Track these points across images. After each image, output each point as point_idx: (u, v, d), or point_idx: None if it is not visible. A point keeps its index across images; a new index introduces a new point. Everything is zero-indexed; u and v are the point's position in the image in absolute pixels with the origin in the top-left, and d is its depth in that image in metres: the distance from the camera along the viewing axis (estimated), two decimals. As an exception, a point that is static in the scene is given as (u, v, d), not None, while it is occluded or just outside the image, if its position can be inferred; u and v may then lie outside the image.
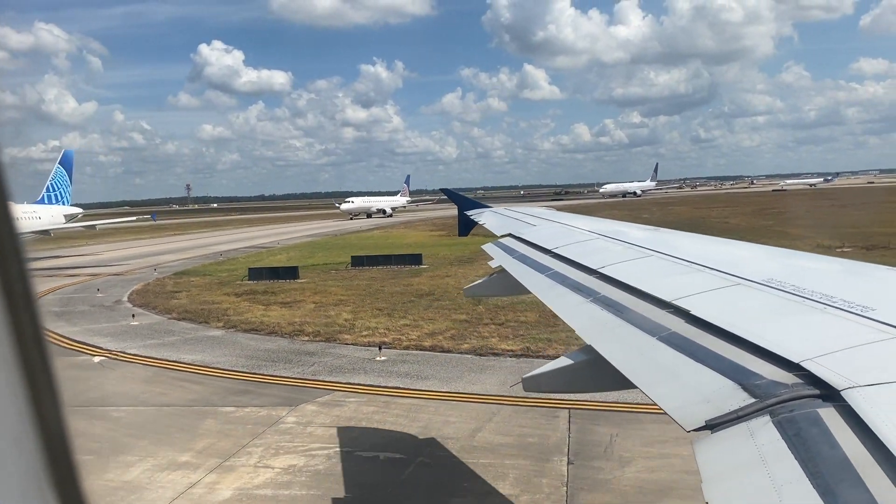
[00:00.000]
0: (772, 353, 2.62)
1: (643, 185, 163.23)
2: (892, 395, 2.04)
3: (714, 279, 4.07)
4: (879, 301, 3.07)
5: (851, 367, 2.29)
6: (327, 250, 48.96)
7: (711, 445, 2.22)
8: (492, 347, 18.55)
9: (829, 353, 2.44)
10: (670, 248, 5.44)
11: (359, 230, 75.16)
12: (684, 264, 4.70)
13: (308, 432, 12.88)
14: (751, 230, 48.17)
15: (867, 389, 2.09)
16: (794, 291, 3.44)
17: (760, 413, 2.22)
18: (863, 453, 1.82)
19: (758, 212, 75.30)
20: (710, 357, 2.86)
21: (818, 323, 2.94)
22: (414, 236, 63.07)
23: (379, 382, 15.96)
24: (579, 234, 7.47)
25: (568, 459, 11.10)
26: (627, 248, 5.93)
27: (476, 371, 16.66)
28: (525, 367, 16.46)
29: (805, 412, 2.11)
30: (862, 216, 58.96)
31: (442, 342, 19.47)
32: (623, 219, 9.87)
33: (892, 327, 2.62)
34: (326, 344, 20.26)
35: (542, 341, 18.87)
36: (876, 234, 40.96)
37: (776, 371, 2.48)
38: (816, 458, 1.87)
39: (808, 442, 1.95)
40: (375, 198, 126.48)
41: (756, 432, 2.13)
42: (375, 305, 25.69)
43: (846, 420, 1.99)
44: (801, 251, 5.33)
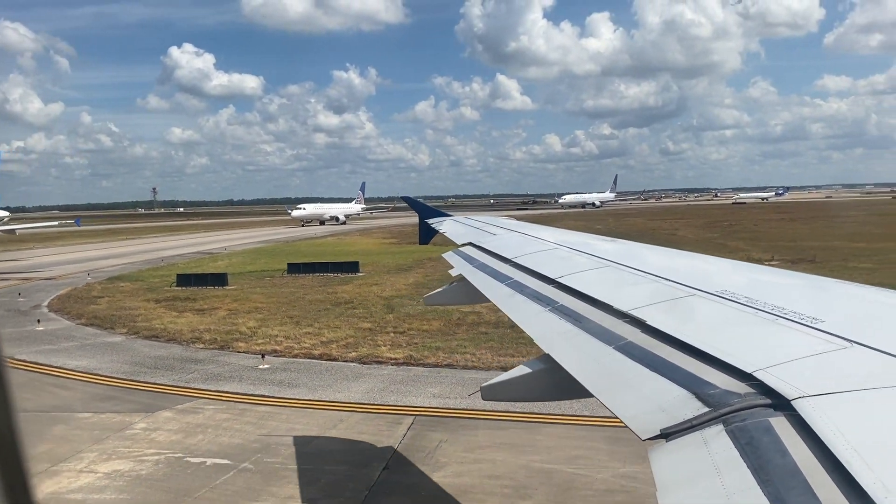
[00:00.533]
0: (725, 362, 2.67)
1: (602, 197, 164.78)
2: (839, 405, 2.10)
3: (669, 289, 4.14)
4: (828, 313, 3.15)
5: (801, 377, 2.36)
6: (272, 257, 48.59)
7: (666, 454, 2.24)
8: (378, 356, 18.84)
9: (780, 364, 2.51)
10: (628, 259, 5.53)
11: (313, 237, 75.01)
12: (641, 275, 4.78)
13: (150, 438, 13.07)
14: (694, 242, 50.20)
15: (816, 399, 2.15)
16: (747, 303, 3.51)
17: (714, 422, 2.26)
18: (812, 461, 1.86)
19: (708, 224, 77.73)
20: (665, 366, 2.90)
21: (770, 334, 3.00)
22: (366, 244, 63.09)
23: (248, 390, 16.17)
24: (539, 244, 7.53)
25: (385, 465, 11.49)
26: (586, 258, 5.99)
27: (350, 379, 16.91)
28: (402, 375, 17.26)
29: (757, 421, 2.16)
30: (804, 230, 61.79)
31: (333, 350, 19.67)
32: (578, 229, 10.29)
33: (840, 338, 2.69)
34: (218, 351, 20.33)
35: (430, 349, 19.29)
36: (809, 247, 42.74)
37: (729, 381, 2.53)
38: (767, 466, 1.90)
39: (760, 450, 1.99)
40: (329, 204, 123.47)
41: (709, 441, 2.16)
42: (288, 313, 25.73)
43: (796, 429, 2.03)
44: (753, 264, 5.51)
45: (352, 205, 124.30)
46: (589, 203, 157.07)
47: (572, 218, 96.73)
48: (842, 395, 2.17)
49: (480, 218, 12.89)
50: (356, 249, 55.88)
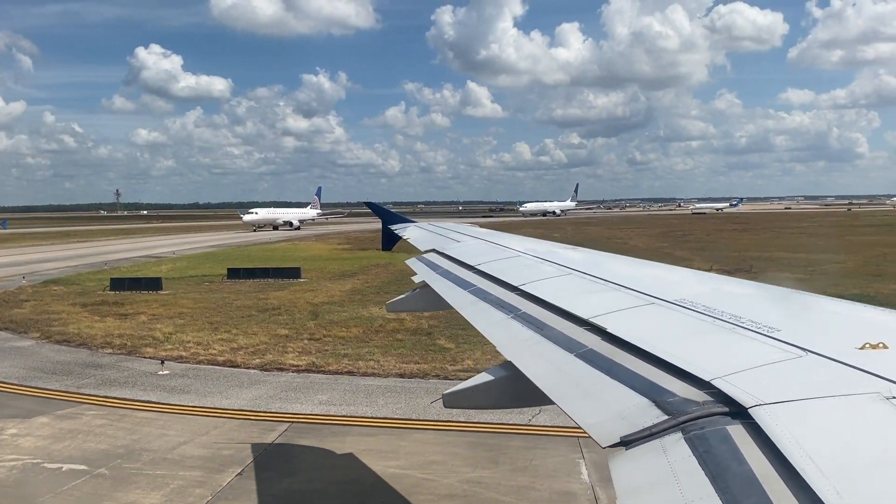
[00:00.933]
0: (684, 371, 2.70)
1: (563, 205, 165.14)
2: (794, 413, 2.13)
3: (629, 298, 4.18)
4: (784, 322, 3.20)
5: (758, 385, 2.38)
6: (218, 261, 47.93)
7: (626, 461, 2.25)
8: (281, 363, 18.86)
9: (737, 372, 2.53)
10: (590, 267, 5.56)
11: (267, 241, 74.25)
12: (602, 283, 4.82)
13: (15, 444, 12.97)
14: (644, 251, 50.97)
15: (772, 407, 2.18)
16: (706, 311, 3.54)
17: (673, 430, 2.27)
18: (768, 469, 1.88)
19: (662, 234, 78.64)
20: (626, 374, 2.92)
21: (728, 342, 3.03)
22: (318, 249, 62.88)
23: (136, 396, 16.10)
24: (503, 252, 7.53)
25: (241, 471, 11.61)
26: (549, 266, 6.00)
27: (244, 386, 16.93)
28: (298, 382, 17.36)
29: (715, 429, 2.17)
30: (752, 241, 63.03)
31: (239, 357, 19.63)
32: (536, 237, 10.58)
33: (796, 347, 2.74)
34: (124, 357, 20.17)
35: (337, 357, 19.39)
36: (751, 258, 43.78)
37: (688, 389, 2.55)
38: (725, 474, 1.92)
39: (718, 458, 2.00)
40: (283, 209, 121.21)
41: (668, 449, 2.18)
42: (210, 319, 25.59)
43: (753, 437, 2.06)
44: (712, 273, 5.59)
45: (307, 210, 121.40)
46: (550, 211, 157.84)
47: (532, 226, 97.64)
48: (797, 403, 2.20)
49: (444, 224, 12.91)
50: (306, 255, 55.56)
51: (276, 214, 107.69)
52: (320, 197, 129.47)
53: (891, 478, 1.73)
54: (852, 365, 2.45)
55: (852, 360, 2.50)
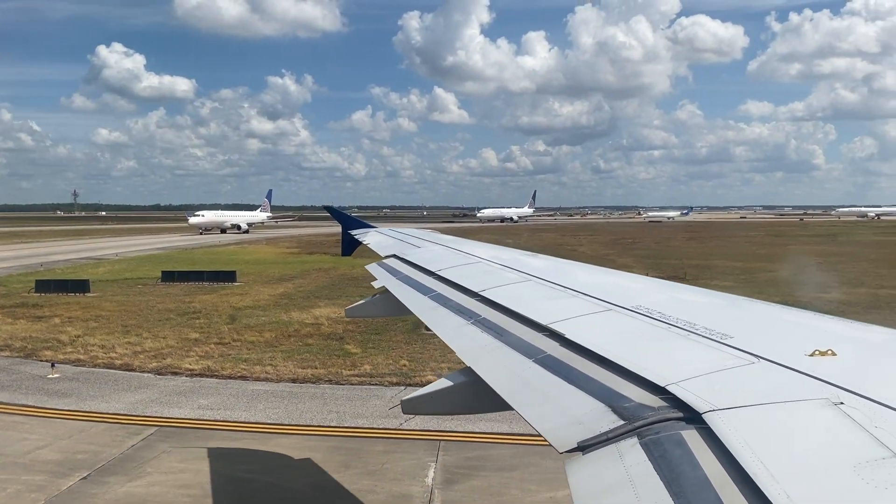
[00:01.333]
0: (640, 376, 2.73)
1: (520, 212, 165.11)
2: (747, 418, 2.17)
3: (587, 304, 4.23)
4: (737, 329, 3.26)
5: (712, 391, 2.42)
6: (159, 264, 46.96)
7: (582, 466, 2.26)
8: (177, 367, 18.82)
9: (691, 378, 2.58)
10: (549, 274, 5.60)
11: (216, 244, 73.60)
12: (560, 289, 4.85)
13: None
14: (590, 257, 51.42)
15: (725, 412, 2.21)
16: (661, 318, 3.61)
17: (629, 435, 2.30)
18: (721, 473, 1.91)
19: (613, 241, 79.48)
20: (583, 380, 2.94)
21: (682, 349, 3.08)
22: (265, 253, 62.52)
23: (13, 400, 15.91)
24: (464, 257, 7.54)
25: (87, 475, 11.64)
26: (510, 272, 6.02)
27: (130, 390, 16.93)
28: (186, 386, 17.33)
29: (670, 434, 2.21)
30: (697, 249, 64.35)
31: (137, 361, 19.56)
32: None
33: (748, 354, 2.80)
34: (20, 360, 19.98)
35: (236, 361, 19.41)
36: (690, 265, 44.69)
37: (644, 394, 2.58)
38: (680, 479, 1.95)
39: (672, 463, 2.03)
40: (231, 212, 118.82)
41: (624, 454, 2.20)
42: (125, 322, 25.40)
43: (707, 442, 2.09)
44: (668, 281, 5.65)
45: (256, 213, 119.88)
46: (507, 217, 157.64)
47: (489, 232, 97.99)
48: (749, 408, 2.25)
49: (405, 230, 12.88)
50: (251, 258, 55.16)
51: (224, 217, 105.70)
52: (271, 200, 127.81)
53: (837, 481, 1.77)
54: (802, 371, 2.52)
55: (802, 366, 2.57)
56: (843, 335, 3.36)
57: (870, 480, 1.73)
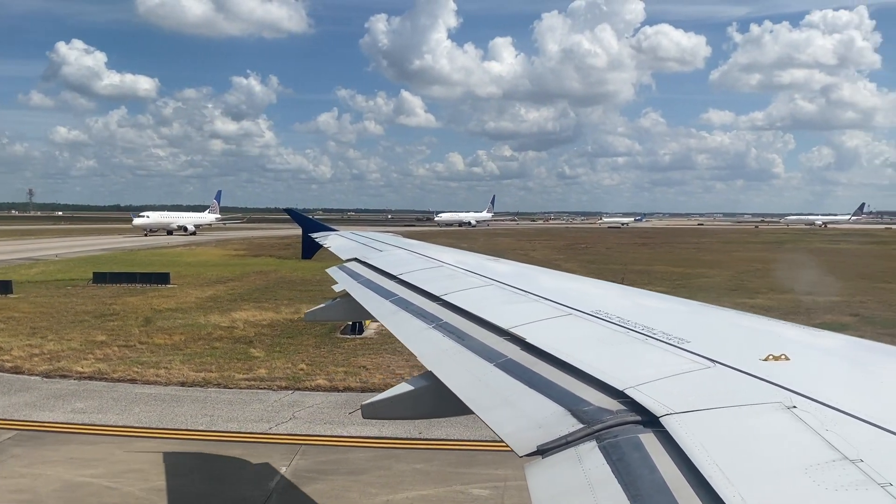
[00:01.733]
0: (599, 380, 2.75)
1: (479, 216, 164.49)
2: (703, 422, 2.20)
3: (548, 309, 4.25)
4: (694, 334, 3.31)
5: (669, 394, 2.45)
6: (98, 265, 45.72)
7: (542, 470, 2.26)
8: (69, 370, 18.55)
9: (649, 382, 2.60)
10: (511, 278, 5.63)
11: (164, 246, 72.31)
12: (523, 294, 4.88)
13: None
14: (539, 261, 51.78)
15: (682, 416, 2.24)
16: (620, 322, 3.65)
17: (588, 438, 2.31)
18: (677, 476, 1.94)
19: (566, 247, 79.81)
20: (543, 384, 2.94)
21: (640, 353, 3.12)
22: (210, 255, 61.77)
23: None
24: (426, 262, 7.52)
25: None
26: (472, 276, 6.03)
27: (8, 394, 16.67)
28: (71, 389, 17.15)
29: (628, 437, 2.22)
30: (645, 255, 64.99)
31: (30, 363, 19.26)
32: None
33: (704, 358, 2.84)
34: None
35: (131, 363, 19.21)
36: (631, 270, 45.00)
37: (603, 398, 2.60)
38: (637, 482, 1.96)
39: (630, 466, 2.05)
40: (177, 213, 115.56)
41: (583, 457, 2.21)
42: (37, 324, 24.95)
43: (664, 445, 2.11)
44: (628, 286, 5.72)
45: (204, 214, 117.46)
46: (465, 222, 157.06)
47: (445, 236, 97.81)
48: (705, 412, 2.28)
49: (367, 234, 12.81)
50: (193, 260, 54.32)
51: (170, 219, 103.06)
52: (220, 201, 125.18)
53: (790, 484, 1.80)
54: (756, 376, 2.56)
55: (757, 370, 2.61)
56: (797, 340, 3.44)
57: (821, 482, 1.76)
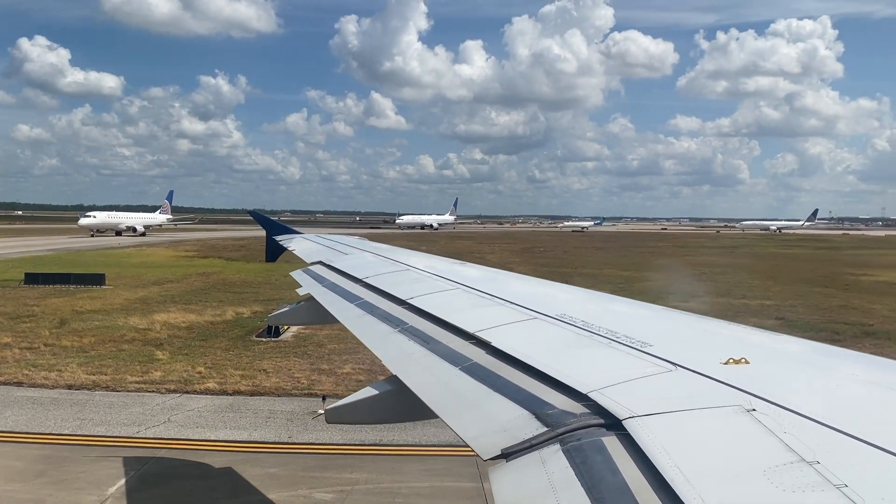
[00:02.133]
0: (563, 384, 2.77)
1: (441, 219, 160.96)
2: (665, 425, 2.23)
3: (514, 313, 4.27)
4: (657, 338, 3.36)
5: (632, 398, 2.48)
6: (37, 266, 44.35)
7: (506, 474, 2.26)
8: None
9: (612, 385, 2.62)
10: (477, 283, 5.64)
11: (114, 246, 71.19)
12: (489, 298, 4.89)
13: None
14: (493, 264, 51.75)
15: (645, 419, 2.27)
16: (584, 326, 3.68)
17: (551, 441, 2.32)
18: (639, 479, 1.96)
19: (524, 250, 79.81)
20: (508, 387, 2.95)
21: (604, 357, 3.15)
22: (158, 256, 60.99)
23: None
24: (392, 265, 7.50)
25: None
26: (438, 280, 6.03)
27: None
28: None
29: (591, 440, 2.24)
30: (596, 258, 65.55)
31: None
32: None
33: (667, 362, 2.88)
34: None
35: (25, 366, 18.87)
36: (581, 273, 45.94)
37: (567, 401, 2.61)
38: (600, 485, 1.98)
39: (593, 469, 2.07)
40: (126, 214, 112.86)
41: (547, 460, 2.22)
42: None
43: (626, 448, 2.13)
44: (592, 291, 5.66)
45: (155, 215, 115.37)
46: (427, 224, 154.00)
47: (406, 238, 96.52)
48: (667, 415, 2.31)
49: (332, 237, 12.74)
50: (140, 261, 53.76)
51: (118, 219, 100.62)
52: (171, 201, 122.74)
53: (749, 485, 1.82)
54: (717, 379, 2.60)
55: (717, 374, 2.65)
56: (757, 344, 3.51)
57: (779, 484, 1.79)
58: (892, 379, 2.77)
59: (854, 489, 1.70)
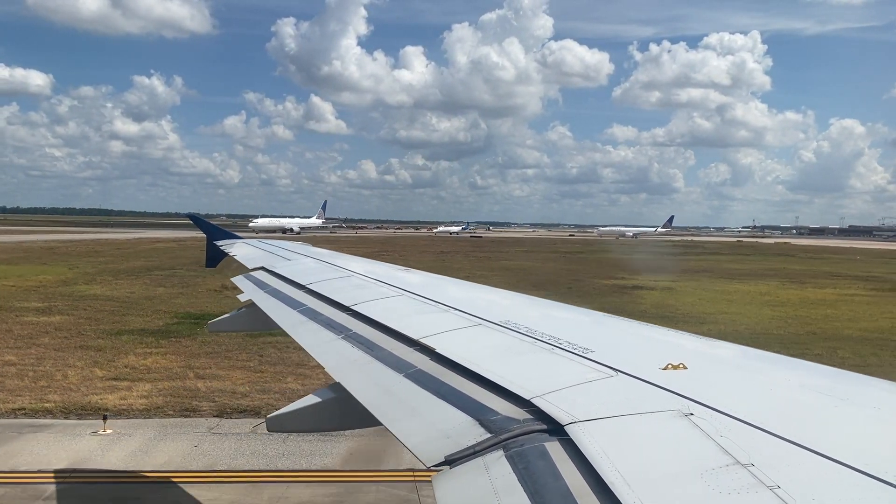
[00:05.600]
0: (507, 390, 2.77)
1: (304, 222, 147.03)
2: (606, 430, 2.25)
3: (458, 319, 4.28)
4: (598, 344, 3.41)
5: (574, 403, 2.50)
6: None
7: (449, 481, 2.25)
8: None
9: (555, 391, 2.64)
10: (422, 289, 5.64)
11: None
12: (432, 304, 4.89)
13: None
14: None
15: (586, 424, 2.29)
16: (527, 333, 3.71)
17: (495, 448, 2.32)
18: (581, 483, 1.97)
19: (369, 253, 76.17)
20: (452, 394, 2.94)
21: (547, 362, 3.17)
22: None
23: None
24: (336, 271, 7.44)
25: None
26: (382, 286, 6.00)
27: None
28: None
29: (533, 446, 2.25)
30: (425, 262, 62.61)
31: None
32: None
33: (607, 368, 2.92)
34: None
35: None
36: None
37: (510, 407, 2.62)
38: (542, 490, 1.99)
39: (536, 474, 2.07)
40: None
41: (490, 466, 2.21)
42: None
43: (568, 453, 2.15)
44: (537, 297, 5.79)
45: None
46: (287, 228, 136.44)
47: None
48: (608, 420, 2.34)
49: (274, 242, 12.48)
50: None
51: None
52: None
53: (687, 488, 1.86)
54: (656, 384, 2.65)
55: (656, 379, 2.71)
56: (694, 350, 3.59)
57: (715, 487, 1.82)
58: (822, 383, 2.88)
59: (786, 490, 1.75)
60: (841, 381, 2.96)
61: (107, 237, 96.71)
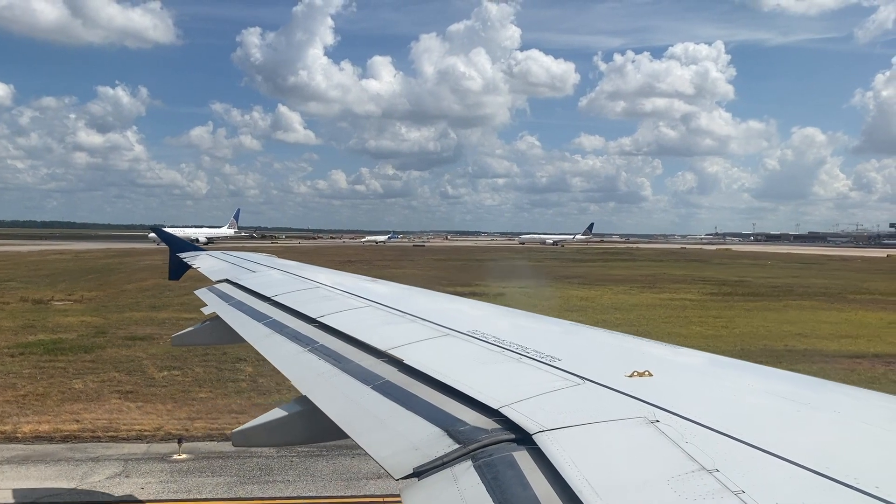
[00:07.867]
0: (475, 399, 2.77)
1: (213, 232, 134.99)
2: (573, 438, 2.27)
3: (426, 329, 4.27)
4: (565, 352, 3.43)
5: (542, 412, 2.51)
6: None
7: (417, 492, 2.23)
8: None
9: (523, 400, 2.65)
10: (389, 300, 5.61)
11: None
12: (400, 315, 4.86)
13: None
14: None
15: (554, 433, 2.30)
16: (495, 342, 3.72)
17: (463, 458, 2.31)
18: (549, 492, 1.98)
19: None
20: (420, 405, 2.93)
21: (514, 371, 3.18)
22: None
23: None
24: (301, 283, 7.38)
25: None
26: (349, 297, 5.96)
27: None
28: None
29: (502, 456, 2.25)
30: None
31: None
32: None
33: (574, 376, 2.95)
34: None
35: None
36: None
37: (478, 417, 2.62)
38: (511, 500, 1.99)
39: (504, 484, 2.07)
40: None
41: (459, 477, 2.21)
42: None
43: (537, 462, 2.15)
44: (503, 307, 5.80)
45: None
46: (193, 239, 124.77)
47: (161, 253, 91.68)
48: (575, 428, 2.35)
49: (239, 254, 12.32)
50: None
51: None
52: None
53: (653, 495, 1.87)
54: (622, 391, 2.67)
55: (623, 386, 2.73)
56: (659, 357, 3.63)
57: (681, 493, 1.84)
58: (784, 388, 2.93)
59: (750, 495, 1.77)
60: (803, 386, 3.03)
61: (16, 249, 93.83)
